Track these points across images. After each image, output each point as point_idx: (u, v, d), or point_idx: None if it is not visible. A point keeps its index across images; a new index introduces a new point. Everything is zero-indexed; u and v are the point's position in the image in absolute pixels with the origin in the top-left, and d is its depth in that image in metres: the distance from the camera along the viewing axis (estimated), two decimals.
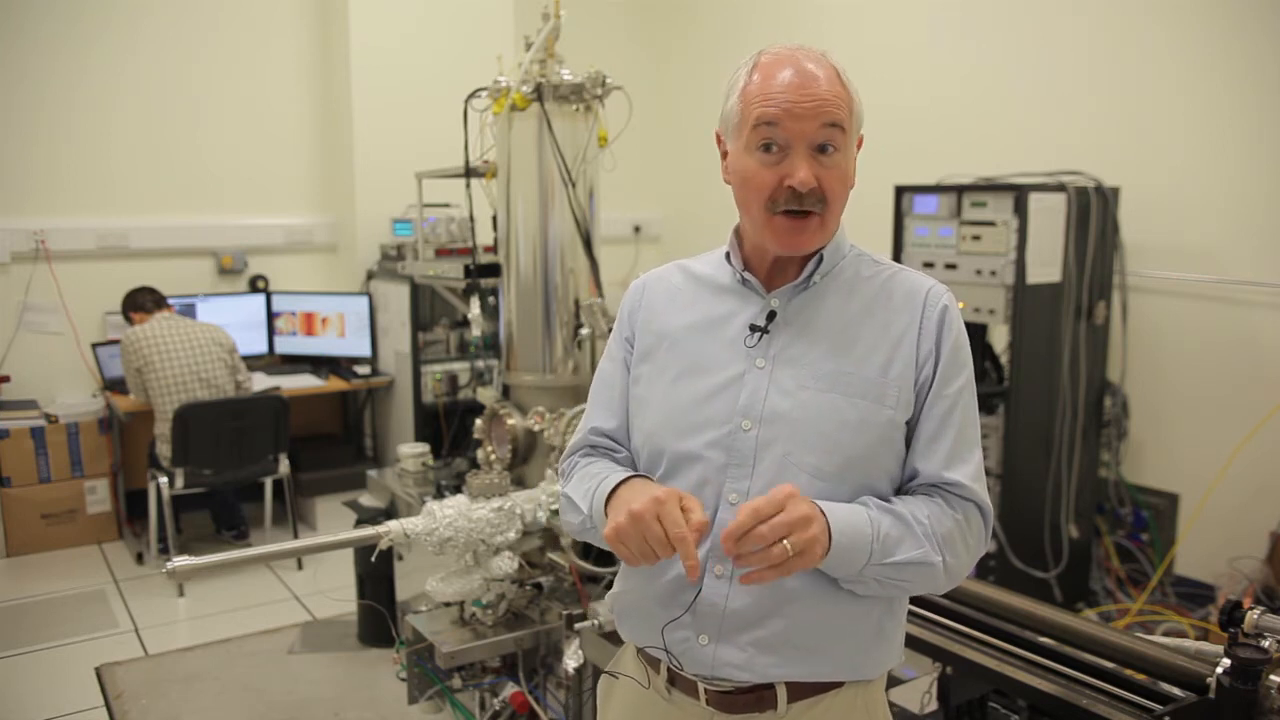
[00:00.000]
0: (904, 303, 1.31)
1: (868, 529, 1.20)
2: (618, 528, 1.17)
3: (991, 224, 3.54)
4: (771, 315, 1.31)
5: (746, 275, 1.34)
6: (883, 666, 1.34)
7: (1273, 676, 1.52)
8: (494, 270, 3.09)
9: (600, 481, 1.32)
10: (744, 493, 1.26)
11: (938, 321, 1.30)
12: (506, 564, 2.43)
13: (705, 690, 1.31)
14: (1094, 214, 3.64)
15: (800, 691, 1.30)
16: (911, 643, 2.02)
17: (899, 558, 1.21)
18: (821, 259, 1.32)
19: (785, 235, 1.27)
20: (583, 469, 1.40)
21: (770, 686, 1.29)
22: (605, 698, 1.50)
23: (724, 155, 1.34)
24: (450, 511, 2.36)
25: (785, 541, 1.11)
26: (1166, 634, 3.30)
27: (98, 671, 3.40)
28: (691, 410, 1.31)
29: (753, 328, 1.31)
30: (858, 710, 1.33)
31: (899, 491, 1.31)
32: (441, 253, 4.50)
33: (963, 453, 1.28)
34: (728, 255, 1.38)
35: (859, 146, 1.32)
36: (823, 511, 1.17)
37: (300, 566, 4.38)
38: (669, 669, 1.35)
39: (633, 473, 1.33)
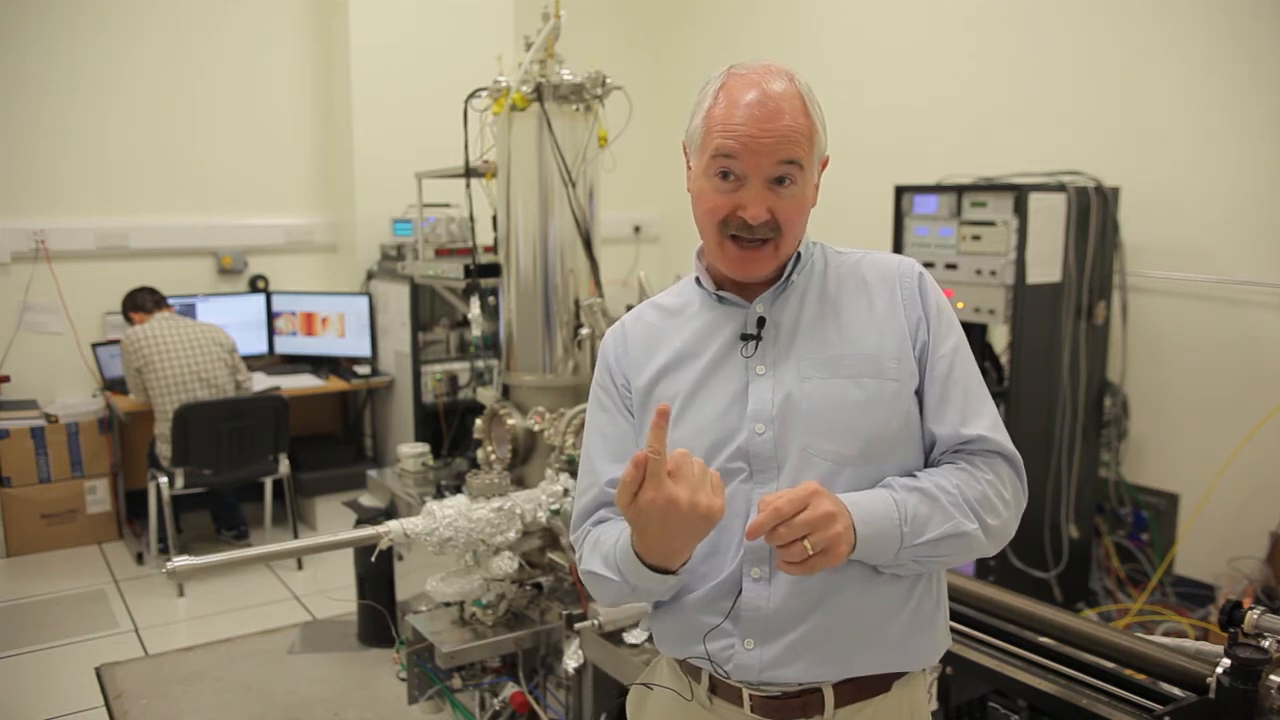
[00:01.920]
0: (879, 282, 1.33)
1: (894, 514, 1.19)
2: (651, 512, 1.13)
3: (991, 224, 3.54)
4: (761, 321, 1.32)
5: (723, 294, 1.35)
6: (932, 653, 1.33)
7: (1273, 676, 1.52)
8: (494, 270, 3.08)
9: (616, 540, 1.27)
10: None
11: (917, 289, 1.32)
12: (506, 564, 2.43)
13: (750, 697, 1.29)
14: (1094, 214, 3.64)
15: (847, 695, 1.28)
16: None
17: (931, 535, 1.20)
18: (799, 257, 1.33)
19: (738, 263, 1.28)
20: (591, 540, 1.35)
21: (817, 690, 1.28)
22: (637, 709, 1.47)
23: (689, 166, 1.34)
24: (450, 511, 2.36)
25: (806, 541, 1.11)
26: (1166, 634, 3.30)
27: (98, 671, 3.41)
28: (704, 434, 1.29)
29: (744, 337, 1.31)
30: (903, 713, 1.32)
31: (926, 464, 1.31)
32: (441, 253, 4.50)
33: (974, 406, 1.29)
34: (698, 280, 1.38)
35: (824, 167, 1.32)
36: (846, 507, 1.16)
37: (300, 566, 4.38)
38: (710, 677, 1.33)
39: None
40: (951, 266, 3.66)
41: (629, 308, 1.56)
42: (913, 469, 1.28)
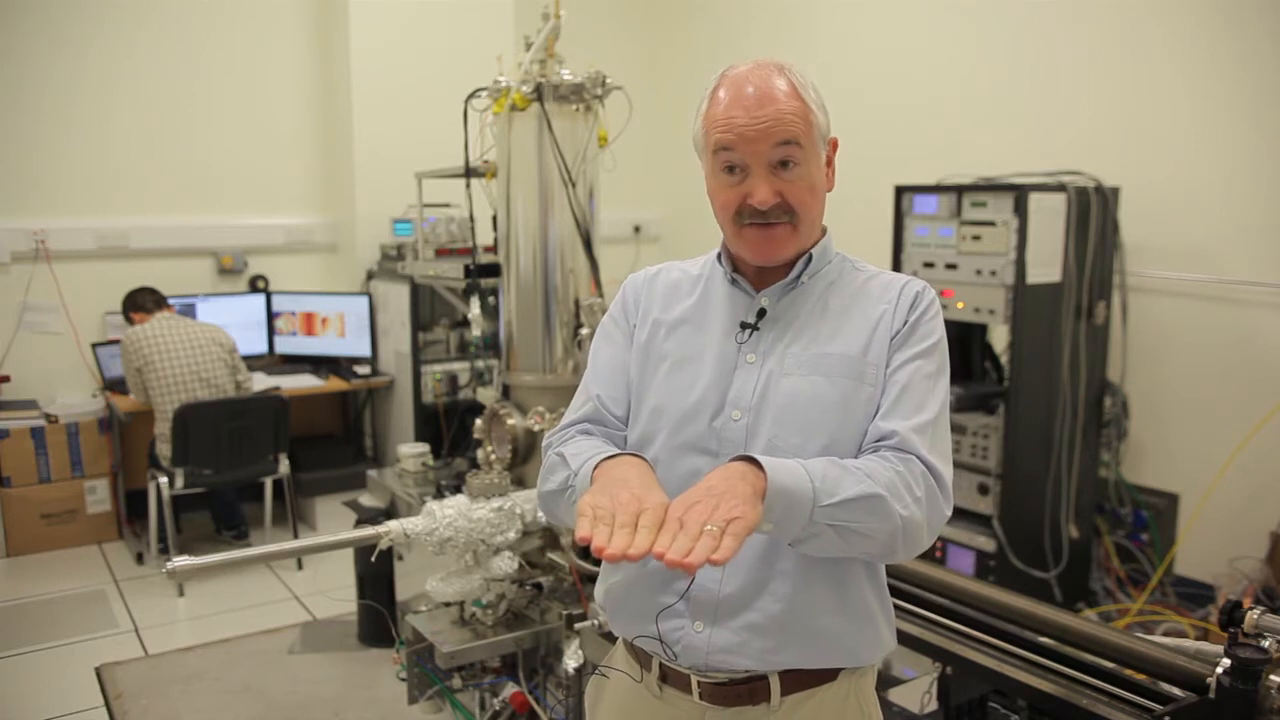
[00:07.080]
0: (881, 294, 1.36)
1: (803, 471, 1.15)
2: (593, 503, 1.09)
3: (991, 224, 3.54)
4: (761, 313, 1.36)
5: (736, 276, 1.39)
6: (876, 650, 1.35)
7: (1273, 676, 1.52)
8: (494, 270, 3.09)
9: (597, 451, 1.28)
10: None
11: (909, 303, 1.34)
12: (506, 564, 2.43)
13: (698, 683, 1.32)
14: (1094, 214, 3.64)
15: (794, 684, 1.31)
16: (911, 643, 2.02)
17: (844, 495, 1.16)
18: (810, 258, 1.36)
19: (756, 245, 1.32)
20: (575, 441, 1.36)
21: (764, 678, 1.30)
22: (594, 699, 1.50)
23: (704, 170, 1.38)
24: (450, 511, 2.36)
25: (708, 526, 1.03)
26: (1166, 634, 3.30)
27: (98, 671, 3.41)
28: (684, 403, 1.34)
29: (743, 325, 1.36)
30: (850, 703, 1.35)
31: None
32: (441, 253, 4.49)
33: (904, 409, 1.27)
34: (719, 256, 1.43)
35: (834, 149, 1.36)
36: (759, 463, 1.11)
37: (300, 566, 4.38)
38: (660, 665, 1.35)
39: (630, 452, 1.27)
40: (951, 266, 3.66)
41: None
42: None
